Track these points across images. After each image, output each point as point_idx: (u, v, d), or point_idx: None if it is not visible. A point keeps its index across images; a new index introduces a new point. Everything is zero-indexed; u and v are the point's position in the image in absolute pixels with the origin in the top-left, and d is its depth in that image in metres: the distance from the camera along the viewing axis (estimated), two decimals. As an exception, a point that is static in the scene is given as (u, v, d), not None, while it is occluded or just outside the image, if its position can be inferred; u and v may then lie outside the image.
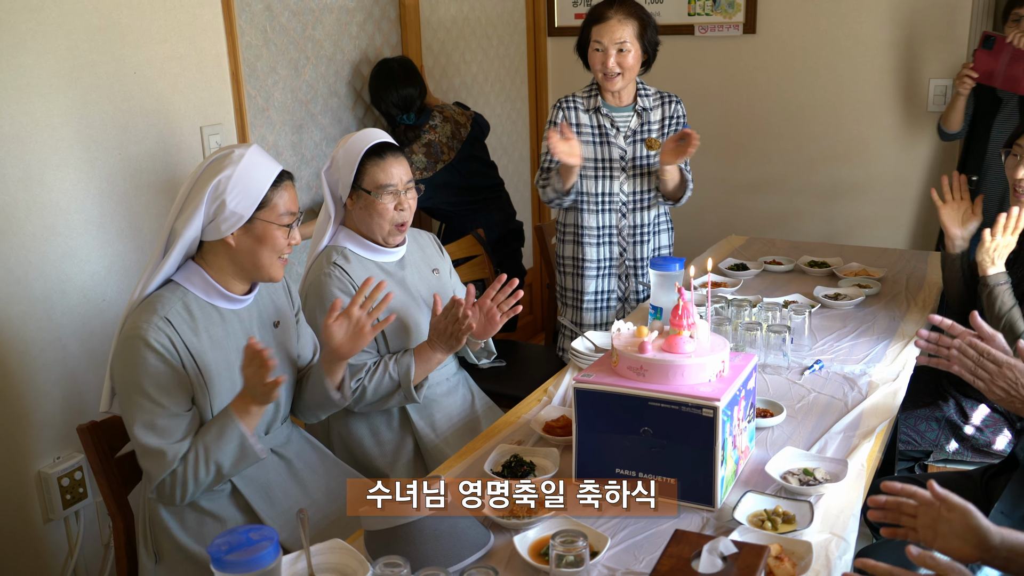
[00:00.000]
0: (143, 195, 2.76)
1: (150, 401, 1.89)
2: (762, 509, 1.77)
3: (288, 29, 3.35)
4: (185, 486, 1.92)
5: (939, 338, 2.15)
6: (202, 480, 1.93)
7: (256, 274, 2.03)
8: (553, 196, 3.05)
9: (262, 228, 1.97)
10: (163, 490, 1.93)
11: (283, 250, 2.02)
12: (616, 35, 2.94)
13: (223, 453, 1.92)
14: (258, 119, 3.26)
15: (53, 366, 2.57)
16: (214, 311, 2.01)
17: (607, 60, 2.96)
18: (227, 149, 1.99)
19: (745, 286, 3.14)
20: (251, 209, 1.95)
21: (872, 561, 1.38)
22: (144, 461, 1.92)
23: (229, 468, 1.95)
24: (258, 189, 1.96)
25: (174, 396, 1.91)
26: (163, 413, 1.90)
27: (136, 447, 1.93)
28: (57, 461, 2.60)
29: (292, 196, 2.04)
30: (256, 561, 1.32)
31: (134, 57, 2.69)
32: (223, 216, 1.94)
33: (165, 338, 1.90)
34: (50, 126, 2.49)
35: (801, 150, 4.45)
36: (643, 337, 1.91)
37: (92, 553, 2.74)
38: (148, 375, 1.88)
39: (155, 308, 1.92)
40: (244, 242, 1.98)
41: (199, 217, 1.94)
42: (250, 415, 1.95)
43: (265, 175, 1.98)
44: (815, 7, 4.27)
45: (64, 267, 2.56)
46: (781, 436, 2.11)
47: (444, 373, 2.56)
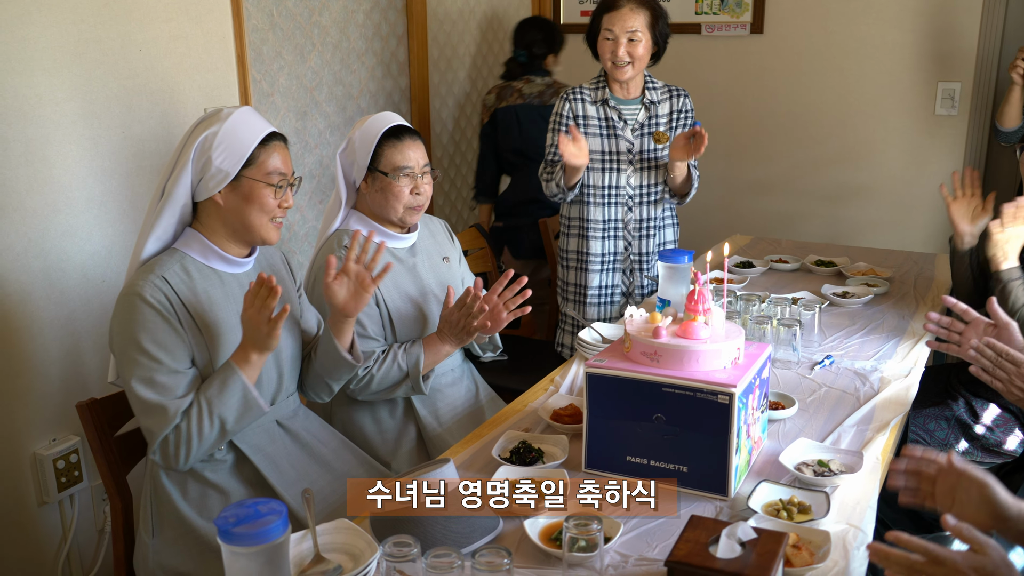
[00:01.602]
0: (145, 175, 2.71)
1: (148, 358, 1.85)
2: (777, 499, 1.74)
3: (295, 14, 3.31)
4: (189, 443, 1.87)
5: (951, 322, 2.12)
6: (206, 437, 1.89)
7: (248, 235, 2.01)
8: (556, 191, 3.02)
9: (249, 186, 1.95)
10: (166, 449, 1.88)
11: (273, 211, 1.99)
12: (628, 23, 2.92)
13: (226, 406, 1.89)
14: (262, 103, 3.22)
15: (51, 346, 2.52)
16: (212, 273, 1.99)
17: (617, 49, 2.93)
18: (218, 108, 1.99)
19: (751, 284, 3.11)
20: (237, 166, 1.94)
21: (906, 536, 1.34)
22: (145, 419, 1.87)
23: (233, 423, 1.91)
24: (244, 146, 1.94)
25: (172, 352, 1.88)
26: (161, 369, 1.86)
27: (136, 405, 1.88)
28: (53, 443, 2.55)
29: (283, 157, 2.01)
30: (264, 534, 1.28)
31: (140, 35, 2.65)
32: (210, 173, 1.93)
33: (161, 295, 1.88)
34: (53, 101, 2.45)
35: (807, 151, 4.43)
36: (657, 323, 1.87)
37: (86, 538, 2.69)
38: (145, 331, 1.86)
39: (152, 268, 1.92)
40: (232, 200, 1.96)
41: (187, 175, 1.94)
42: (251, 364, 1.92)
43: (252, 133, 1.96)
44: (823, 8, 4.25)
45: (64, 245, 2.52)
46: (793, 429, 2.07)
47: (449, 364, 2.52)
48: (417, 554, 1.44)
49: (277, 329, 1.88)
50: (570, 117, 3.05)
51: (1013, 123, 3.52)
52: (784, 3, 4.33)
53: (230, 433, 1.94)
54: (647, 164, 3.06)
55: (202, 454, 1.93)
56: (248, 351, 1.92)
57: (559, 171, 2.97)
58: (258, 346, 1.91)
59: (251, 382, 1.91)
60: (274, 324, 1.86)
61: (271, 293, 1.85)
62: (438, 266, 2.52)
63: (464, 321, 2.31)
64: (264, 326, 1.87)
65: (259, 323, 1.87)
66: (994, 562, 1.25)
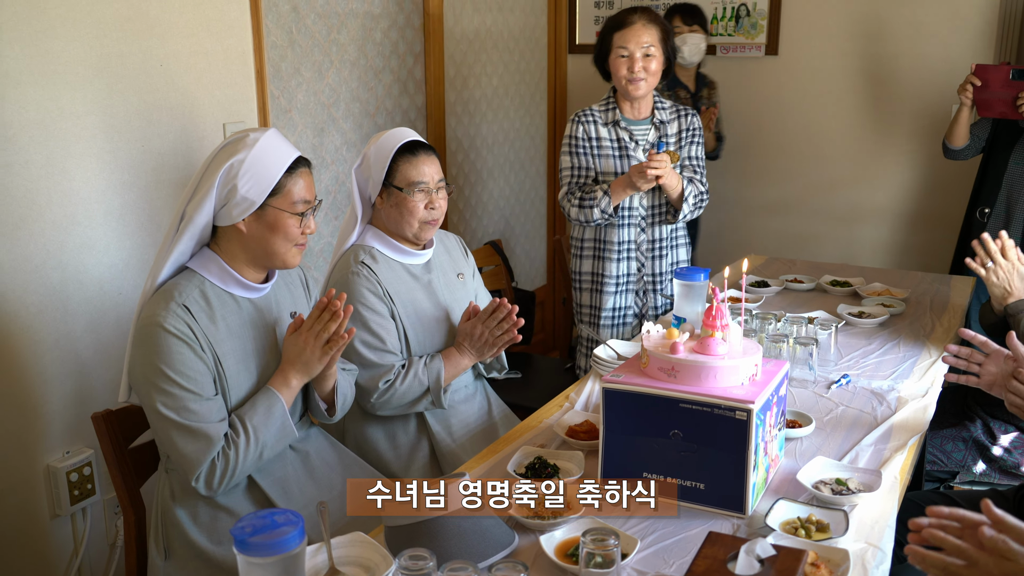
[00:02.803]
0: (164, 189, 2.73)
1: (178, 388, 1.84)
2: (795, 517, 1.72)
3: (313, 31, 3.33)
4: (235, 470, 1.87)
5: (971, 353, 2.11)
6: (250, 462, 1.89)
7: (269, 261, 1.99)
8: (599, 217, 3.00)
9: (274, 215, 1.93)
10: (212, 476, 1.86)
11: (297, 239, 1.97)
12: (643, 39, 2.94)
13: (269, 432, 1.90)
14: (280, 120, 3.24)
15: (66, 358, 2.53)
16: (230, 299, 1.97)
17: (634, 65, 2.95)
18: (243, 132, 1.96)
19: (766, 303, 3.10)
20: (263, 195, 1.91)
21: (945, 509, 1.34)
22: (185, 445, 1.84)
23: (270, 449, 1.92)
24: (271, 175, 1.92)
25: (201, 382, 1.87)
26: (194, 398, 1.85)
27: (171, 434, 1.85)
28: (66, 456, 2.55)
29: (308, 183, 2.00)
30: (281, 544, 1.27)
31: (161, 50, 2.67)
32: (234, 201, 1.91)
33: (184, 324, 1.86)
34: (75, 114, 2.46)
35: (821, 172, 4.43)
36: (674, 338, 1.87)
37: (97, 552, 2.69)
38: (172, 361, 1.84)
39: (172, 295, 1.89)
40: (256, 229, 1.94)
41: (210, 201, 1.91)
42: (291, 389, 1.93)
43: (279, 161, 1.94)
44: (838, 29, 4.26)
45: (82, 258, 2.53)
46: (810, 447, 2.06)
47: (463, 380, 2.52)
48: (433, 567, 1.43)
49: (328, 355, 1.88)
50: (584, 139, 3.05)
51: (961, 142, 3.62)
52: (799, 25, 4.34)
53: (265, 459, 1.94)
54: (658, 185, 3.06)
55: (240, 480, 1.93)
56: (289, 375, 1.92)
57: (603, 197, 2.97)
58: (304, 371, 1.91)
59: (287, 407, 1.92)
60: (328, 350, 1.86)
61: (333, 317, 1.85)
62: (452, 283, 2.52)
63: (489, 335, 2.33)
64: (317, 350, 1.87)
65: (313, 347, 1.87)
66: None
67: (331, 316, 1.88)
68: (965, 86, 3.46)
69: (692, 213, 3.08)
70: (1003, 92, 3.38)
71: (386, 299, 2.34)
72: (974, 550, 1.28)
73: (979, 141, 3.63)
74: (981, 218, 3.58)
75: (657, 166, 2.81)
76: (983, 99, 3.45)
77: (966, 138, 3.60)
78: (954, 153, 3.66)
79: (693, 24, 4.01)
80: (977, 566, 1.27)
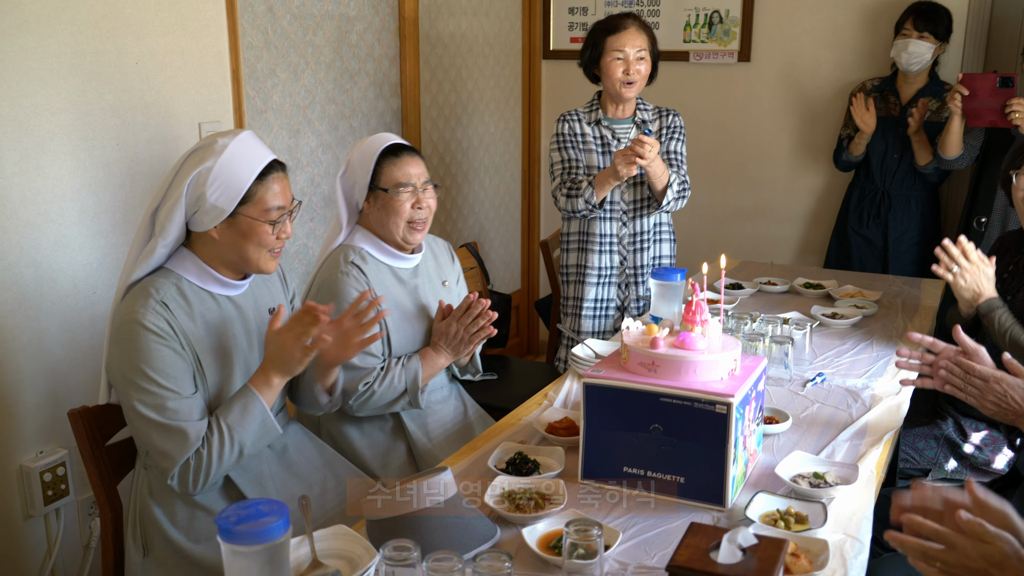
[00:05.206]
0: (139, 187, 2.71)
1: (157, 386, 1.82)
2: (774, 509, 1.74)
3: (289, 32, 3.33)
4: (209, 469, 1.85)
5: (921, 355, 2.14)
6: (226, 461, 1.87)
7: (245, 267, 1.98)
8: (583, 207, 3.06)
9: (246, 224, 1.90)
10: (186, 475, 1.85)
11: (271, 245, 1.95)
12: (637, 42, 3.05)
13: (247, 431, 1.88)
14: (256, 120, 3.23)
15: (40, 357, 2.50)
16: (208, 296, 1.96)
17: (629, 67, 3.03)
18: (212, 137, 1.92)
19: (741, 305, 3.13)
20: (232, 204, 1.88)
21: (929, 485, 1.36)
22: (163, 443, 1.83)
23: (250, 447, 1.90)
24: (240, 183, 1.88)
25: (180, 380, 1.85)
26: (173, 396, 1.83)
27: (150, 432, 1.83)
28: (40, 456, 2.52)
29: (283, 188, 1.96)
30: (265, 533, 1.26)
31: (136, 47, 2.65)
32: (204, 209, 1.88)
33: (163, 321, 1.85)
34: (49, 111, 2.44)
35: (793, 180, 4.47)
36: (654, 334, 1.88)
37: (71, 554, 2.66)
38: (151, 359, 1.82)
39: (149, 292, 1.87)
40: (228, 236, 1.91)
41: (180, 209, 1.88)
42: (272, 388, 1.91)
43: (248, 168, 1.89)
44: (810, 37, 4.31)
45: (56, 256, 2.51)
46: (787, 443, 2.08)
47: (438, 381, 2.52)
48: (417, 558, 1.43)
49: (309, 357, 1.87)
50: (571, 135, 3.12)
51: (955, 151, 3.60)
52: (772, 32, 4.39)
53: (245, 457, 1.92)
54: (640, 179, 3.10)
55: (218, 479, 1.91)
56: (270, 374, 1.90)
57: (587, 187, 3.02)
58: (284, 370, 1.90)
59: (269, 406, 1.90)
60: (308, 352, 1.86)
61: (313, 320, 1.84)
62: (438, 289, 2.52)
63: (463, 333, 2.33)
64: (298, 352, 1.86)
65: (293, 348, 1.86)
66: (1003, 552, 1.26)
67: (312, 320, 1.86)
68: (953, 96, 3.45)
69: (677, 202, 3.10)
70: (991, 100, 3.37)
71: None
72: (952, 533, 1.30)
73: (973, 150, 3.61)
74: (978, 227, 3.59)
75: (641, 150, 2.81)
76: (972, 108, 3.43)
77: (959, 147, 3.57)
78: (948, 163, 3.64)
79: (924, 31, 3.74)
80: (955, 549, 1.29)
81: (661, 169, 2.97)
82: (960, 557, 1.29)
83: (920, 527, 1.33)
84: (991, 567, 1.27)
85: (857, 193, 3.98)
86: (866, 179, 3.95)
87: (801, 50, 4.34)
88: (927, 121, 3.77)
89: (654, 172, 2.95)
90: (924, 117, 3.75)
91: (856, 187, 4.00)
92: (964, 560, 1.29)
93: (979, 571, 1.28)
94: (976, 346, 2.03)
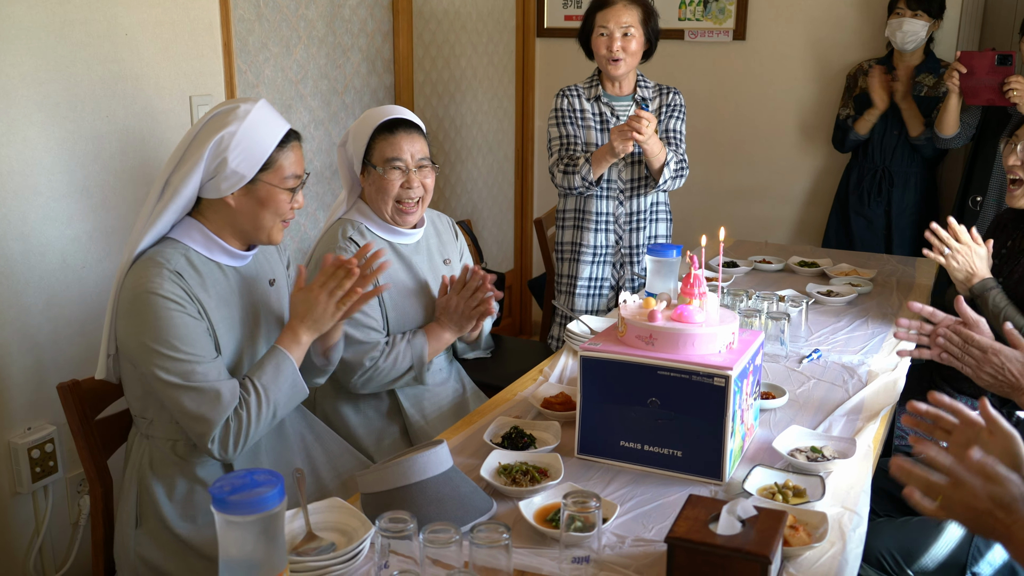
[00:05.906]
0: (129, 161, 2.67)
1: (182, 353, 1.78)
2: (772, 483, 1.73)
3: (281, 6, 3.28)
4: (248, 431, 1.83)
5: (920, 325, 2.13)
6: (264, 423, 1.85)
7: (255, 236, 1.95)
8: (580, 184, 3.03)
9: (265, 190, 1.89)
10: (225, 438, 1.81)
11: (285, 214, 1.93)
12: (622, 19, 2.98)
13: (281, 391, 1.86)
14: (248, 94, 3.18)
15: (29, 331, 2.46)
16: (216, 268, 1.93)
17: (612, 44, 2.99)
18: (233, 102, 1.90)
19: (736, 283, 3.12)
20: (254, 170, 1.86)
21: (946, 399, 1.35)
22: (198, 408, 1.78)
23: (283, 409, 1.89)
24: (263, 149, 1.87)
25: (202, 344, 1.82)
26: (199, 360, 1.80)
27: (181, 398, 1.78)
28: (28, 432, 2.49)
29: (298, 157, 1.95)
30: (260, 503, 1.24)
31: (126, 18, 2.61)
32: (224, 175, 1.85)
33: (179, 288, 1.81)
34: (37, 81, 2.40)
35: (788, 158, 4.46)
36: (652, 307, 1.86)
37: (60, 532, 2.63)
38: (171, 328, 1.78)
39: (159, 262, 1.83)
40: (245, 203, 1.89)
41: (198, 173, 1.84)
42: (300, 346, 1.90)
43: (271, 134, 1.88)
44: (805, 15, 4.29)
45: (45, 229, 2.47)
46: (784, 418, 2.07)
47: (438, 363, 2.49)
48: (413, 530, 1.41)
49: (342, 311, 1.88)
50: (569, 111, 3.09)
51: (951, 130, 3.58)
52: (767, 10, 4.36)
53: (278, 419, 1.90)
54: (637, 158, 3.08)
55: (253, 443, 1.88)
56: (299, 332, 1.89)
57: (584, 164, 2.99)
58: (315, 327, 1.89)
59: (298, 365, 1.89)
60: (341, 306, 1.87)
61: (348, 274, 1.84)
62: (438, 267, 2.49)
63: (464, 307, 2.31)
64: (332, 307, 1.87)
65: (327, 303, 1.87)
66: (1011, 494, 1.23)
67: (345, 273, 1.86)
68: (951, 74, 3.43)
69: (675, 180, 3.08)
70: (989, 79, 3.36)
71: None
72: (962, 470, 1.27)
73: (969, 129, 3.60)
74: (974, 206, 3.59)
75: (639, 125, 2.78)
76: (969, 86, 3.42)
77: (956, 126, 3.57)
78: (945, 141, 3.64)
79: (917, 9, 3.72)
80: (963, 487, 1.26)
81: (658, 147, 2.95)
82: (966, 495, 1.26)
83: (933, 461, 1.29)
84: (997, 508, 1.24)
85: (856, 173, 3.97)
86: (864, 158, 3.93)
87: (796, 29, 4.32)
88: (924, 96, 3.75)
89: (651, 150, 2.92)
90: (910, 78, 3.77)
91: (855, 167, 3.99)
92: (969, 499, 1.26)
93: (983, 511, 1.26)
94: (977, 317, 2.02)
